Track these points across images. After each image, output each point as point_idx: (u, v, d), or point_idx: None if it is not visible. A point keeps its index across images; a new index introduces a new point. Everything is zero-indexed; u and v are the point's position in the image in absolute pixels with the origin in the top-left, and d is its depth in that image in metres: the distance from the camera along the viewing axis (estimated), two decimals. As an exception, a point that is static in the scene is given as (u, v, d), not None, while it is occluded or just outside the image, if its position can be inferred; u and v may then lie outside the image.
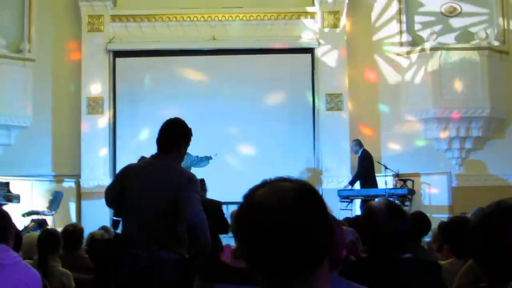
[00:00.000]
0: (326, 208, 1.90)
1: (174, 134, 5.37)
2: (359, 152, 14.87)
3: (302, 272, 1.84)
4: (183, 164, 5.62)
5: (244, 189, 1.95)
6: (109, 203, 5.53)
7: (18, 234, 5.80)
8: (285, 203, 1.82)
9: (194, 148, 15.05)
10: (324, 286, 1.87)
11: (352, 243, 4.53)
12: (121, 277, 5.09)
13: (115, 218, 6.45)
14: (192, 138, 5.54)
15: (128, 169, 5.38)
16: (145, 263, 4.95)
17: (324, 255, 1.86)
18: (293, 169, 14.92)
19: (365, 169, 14.62)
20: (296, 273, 1.83)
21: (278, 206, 1.82)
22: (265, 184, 1.94)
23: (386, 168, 14.51)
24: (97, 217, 13.62)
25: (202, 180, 5.41)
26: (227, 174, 15.36)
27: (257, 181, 1.95)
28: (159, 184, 5.10)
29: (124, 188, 5.26)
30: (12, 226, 5.25)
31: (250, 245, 1.86)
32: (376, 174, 14.81)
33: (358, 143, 15.01)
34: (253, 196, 1.90)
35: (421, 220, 6.65)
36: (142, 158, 5.53)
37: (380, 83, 16.47)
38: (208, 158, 15.17)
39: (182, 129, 5.41)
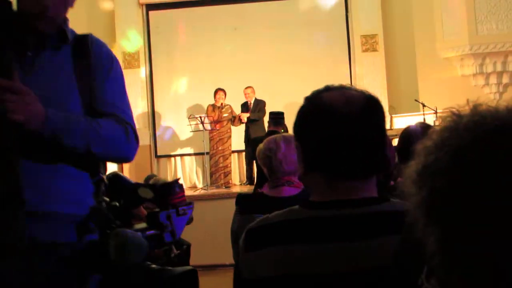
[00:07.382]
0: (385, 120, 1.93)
1: None
2: (254, 99, 14.84)
3: (360, 178, 1.87)
4: None
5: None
6: None
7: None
8: (357, 110, 1.85)
9: (231, 96, 15.12)
10: (374, 194, 1.90)
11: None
12: None
13: None
14: (229, 87, 5.42)
15: None
16: None
17: (382, 165, 1.90)
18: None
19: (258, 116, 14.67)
20: (355, 178, 1.86)
21: (349, 111, 1.84)
22: (329, 88, 1.96)
23: (424, 106, 14.43)
24: (139, 172, 13.77)
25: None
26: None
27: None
28: None
29: None
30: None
31: (314, 145, 1.88)
32: (414, 113, 14.77)
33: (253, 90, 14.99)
34: (320, 98, 1.91)
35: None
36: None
37: (415, 21, 16.28)
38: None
39: None
